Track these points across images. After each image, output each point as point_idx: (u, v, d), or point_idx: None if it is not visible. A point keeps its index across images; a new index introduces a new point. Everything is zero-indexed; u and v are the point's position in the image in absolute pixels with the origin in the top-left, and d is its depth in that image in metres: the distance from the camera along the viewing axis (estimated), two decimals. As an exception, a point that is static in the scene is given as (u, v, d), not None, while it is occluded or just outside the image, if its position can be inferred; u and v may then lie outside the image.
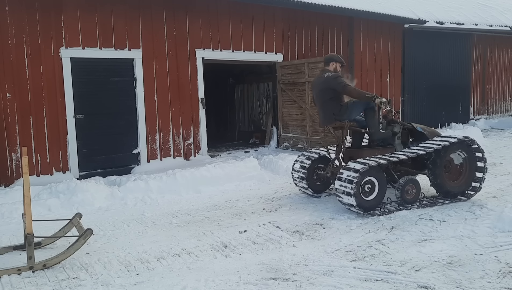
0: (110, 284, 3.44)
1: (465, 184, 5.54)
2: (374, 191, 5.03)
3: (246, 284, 3.36)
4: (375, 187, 5.03)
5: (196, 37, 8.62)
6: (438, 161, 5.35)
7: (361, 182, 4.90)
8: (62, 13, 7.12)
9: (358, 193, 4.86)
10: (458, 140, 5.42)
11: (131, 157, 8.02)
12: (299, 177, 6.02)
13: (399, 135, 5.77)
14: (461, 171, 5.56)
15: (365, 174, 4.92)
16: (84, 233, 3.91)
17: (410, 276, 3.41)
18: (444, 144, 5.31)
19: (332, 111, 5.61)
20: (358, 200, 4.85)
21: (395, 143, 5.76)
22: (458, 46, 13.88)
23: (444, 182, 5.42)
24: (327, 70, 5.72)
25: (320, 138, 9.31)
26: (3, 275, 3.59)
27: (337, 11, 10.05)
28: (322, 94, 5.66)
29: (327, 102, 5.63)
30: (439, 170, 5.36)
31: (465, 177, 5.55)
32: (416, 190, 5.29)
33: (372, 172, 4.99)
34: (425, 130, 5.84)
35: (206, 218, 5.16)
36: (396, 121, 5.83)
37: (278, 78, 10.02)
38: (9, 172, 6.83)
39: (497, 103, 15.83)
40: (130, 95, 7.92)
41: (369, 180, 4.99)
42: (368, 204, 4.99)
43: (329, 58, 5.86)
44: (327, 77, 5.56)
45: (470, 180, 5.53)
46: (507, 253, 3.78)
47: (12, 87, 6.79)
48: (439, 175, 5.38)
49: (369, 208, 4.99)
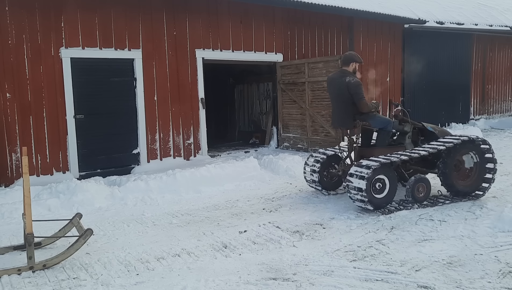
0: (110, 284, 3.44)
1: (475, 184, 5.50)
2: (385, 189, 5.09)
3: (246, 284, 3.36)
4: (385, 185, 5.09)
5: (196, 37, 8.62)
6: (449, 160, 5.33)
7: (372, 179, 4.95)
8: (62, 13, 7.12)
9: (369, 189, 4.92)
10: (470, 139, 5.39)
11: (131, 157, 8.02)
12: (311, 173, 6.07)
13: (409, 134, 5.76)
14: (471, 171, 5.50)
15: (377, 172, 4.98)
16: (84, 233, 3.91)
17: (410, 276, 3.41)
18: (455, 143, 5.30)
19: (354, 115, 5.60)
20: (369, 197, 4.92)
21: (406, 142, 5.74)
22: (458, 46, 13.88)
23: (454, 181, 5.39)
24: (346, 72, 5.67)
25: (320, 138, 9.32)
26: (3, 275, 3.58)
27: (337, 11, 10.04)
28: (343, 97, 5.62)
29: (348, 106, 5.61)
30: (450, 169, 5.35)
31: (475, 177, 5.49)
32: (427, 189, 5.31)
33: (383, 170, 5.06)
34: (435, 130, 5.82)
35: (206, 218, 5.16)
36: (406, 120, 5.83)
37: (278, 78, 10.02)
38: (9, 172, 6.83)
39: (497, 103, 15.83)
40: (130, 95, 7.92)
41: (379, 178, 5.05)
42: (378, 202, 5.04)
43: (349, 58, 5.73)
44: (349, 82, 5.50)
45: (481, 180, 5.50)
46: (507, 253, 3.78)
47: (12, 87, 6.79)
48: (449, 175, 5.35)
49: (379, 205, 5.05)
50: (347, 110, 5.65)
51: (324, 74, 8.98)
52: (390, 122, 5.73)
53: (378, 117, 5.76)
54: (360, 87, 5.49)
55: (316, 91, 9.22)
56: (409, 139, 5.78)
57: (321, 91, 9.12)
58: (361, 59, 5.78)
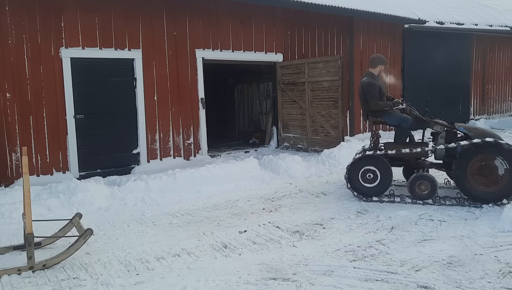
0: (110, 284, 3.44)
1: (502, 192, 5.10)
2: (376, 180, 5.56)
3: (246, 284, 3.36)
4: (377, 177, 5.54)
5: (196, 37, 8.62)
6: (462, 162, 5.18)
7: (359, 169, 5.59)
8: (62, 13, 7.12)
9: (355, 178, 5.57)
10: (492, 143, 5.08)
11: (131, 157, 8.02)
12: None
13: (442, 135, 5.69)
14: (498, 177, 5.11)
15: (363, 162, 5.57)
16: (84, 233, 3.91)
17: (410, 276, 3.41)
18: (469, 146, 5.15)
19: (368, 112, 5.95)
20: (353, 185, 5.58)
21: (438, 142, 5.66)
22: (458, 46, 13.87)
23: (469, 185, 5.15)
24: (369, 73, 6.02)
25: (320, 138, 9.33)
26: (3, 275, 3.59)
27: (337, 11, 10.05)
28: (361, 96, 6.00)
29: (364, 104, 5.96)
30: (463, 171, 5.17)
31: (503, 184, 5.08)
32: (431, 187, 5.30)
33: (372, 161, 5.54)
34: (470, 131, 5.47)
35: (206, 218, 5.16)
36: (429, 121, 5.76)
37: (278, 78, 10.02)
38: (9, 172, 6.83)
39: (497, 103, 15.83)
40: (130, 95, 7.92)
41: (369, 169, 5.55)
42: (366, 191, 5.58)
43: (376, 61, 6.06)
44: (363, 82, 5.90)
45: (510, 188, 5.08)
46: (507, 253, 3.78)
47: (12, 87, 6.79)
48: (463, 177, 5.16)
49: (366, 194, 5.58)
50: (363, 107, 6.02)
51: (324, 74, 9.00)
52: (405, 120, 5.79)
53: (394, 114, 5.86)
54: (371, 87, 5.78)
55: (316, 91, 9.22)
56: (442, 139, 5.67)
57: (321, 91, 9.13)
58: (386, 61, 6.14)
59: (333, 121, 8.99)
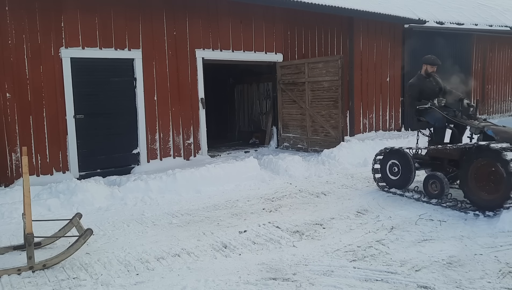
0: (110, 284, 3.44)
1: (502, 197, 4.66)
2: (399, 173, 5.97)
3: (246, 284, 3.36)
4: (399, 170, 5.96)
5: (196, 37, 8.62)
6: (465, 164, 5.04)
7: (387, 162, 6.11)
8: (62, 13, 7.12)
9: (383, 170, 6.11)
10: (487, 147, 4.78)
11: (131, 157, 8.02)
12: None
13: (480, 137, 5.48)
14: (500, 182, 4.67)
15: (391, 156, 6.08)
16: (84, 233, 3.91)
17: (410, 276, 3.41)
18: (468, 147, 5.09)
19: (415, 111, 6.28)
20: (382, 175, 6.14)
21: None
22: (458, 46, 13.87)
23: (469, 190, 4.96)
24: (417, 74, 6.38)
25: (320, 138, 9.33)
26: (3, 275, 3.59)
27: (337, 11, 10.04)
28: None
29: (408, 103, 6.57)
30: (464, 174, 5.01)
31: (502, 191, 4.65)
32: (440, 186, 5.30)
33: (396, 156, 6.00)
34: (497, 134, 5.17)
35: (206, 218, 5.16)
36: (459, 122, 5.81)
37: (278, 78, 10.02)
38: (9, 172, 6.83)
39: (497, 103, 15.83)
40: (130, 95, 7.92)
41: (394, 163, 6.00)
42: (391, 182, 6.06)
43: (422, 61, 6.41)
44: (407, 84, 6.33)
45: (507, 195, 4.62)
46: (507, 253, 3.78)
47: (12, 87, 6.79)
48: (465, 181, 5.00)
49: (390, 185, 6.07)
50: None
51: (324, 74, 9.00)
52: (438, 119, 5.91)
53: (432, 114, 6.01)
54: (409, 88, 6.30)
55: (316, 91, 9.22)
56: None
57: (321, 91, 9.13)
58: (431, 60, 6.29)
59: (333, 121, 8.99)
